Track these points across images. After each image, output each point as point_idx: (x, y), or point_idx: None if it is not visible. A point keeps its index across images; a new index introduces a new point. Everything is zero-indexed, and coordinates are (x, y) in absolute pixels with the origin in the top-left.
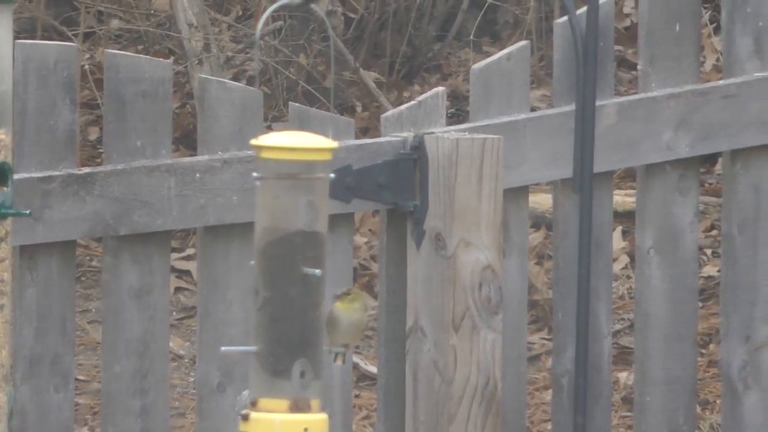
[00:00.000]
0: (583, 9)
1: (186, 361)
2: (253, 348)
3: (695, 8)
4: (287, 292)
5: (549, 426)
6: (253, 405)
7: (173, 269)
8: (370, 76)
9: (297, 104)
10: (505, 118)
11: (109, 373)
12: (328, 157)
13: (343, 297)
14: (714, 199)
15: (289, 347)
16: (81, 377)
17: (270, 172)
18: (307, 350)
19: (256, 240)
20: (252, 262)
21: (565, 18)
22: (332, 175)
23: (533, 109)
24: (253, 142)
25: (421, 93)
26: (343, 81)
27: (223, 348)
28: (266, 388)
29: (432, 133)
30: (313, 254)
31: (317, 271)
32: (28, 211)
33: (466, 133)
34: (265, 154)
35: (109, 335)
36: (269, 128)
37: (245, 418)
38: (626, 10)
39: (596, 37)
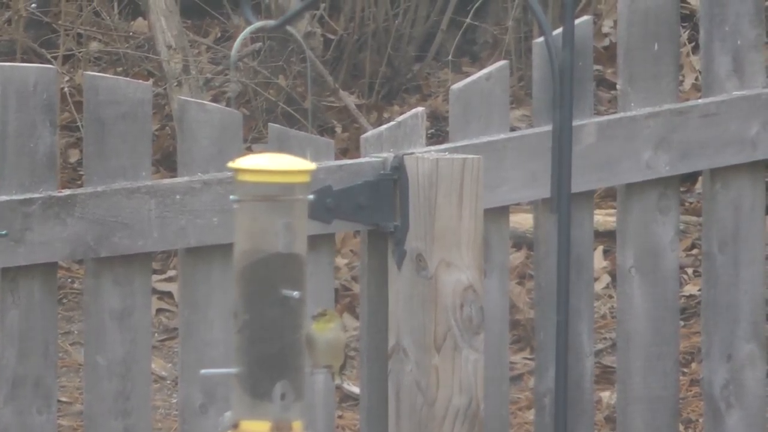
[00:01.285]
0: (560, 29)
1: (168, 382)
2: (233, 370)
3: (674, 27)
4: (266, 314)
5: None
6: (235, 427)
7: (154, 291)
8: (349, 97)
9: (276, 125)
10: (485, 138)
11: (91, 394)
12: (306, 179)
13: (318, 318)
14: (694, 218)
15: (270, 369)
16: (63, 399)
17: (248, 195)
18: (288, 372)
19: (234, 262)
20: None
21: (543, 38)
22: (311, 197)
23: (513, 129)
24: (231, 164)
25: (401, 113)
26: (323, 102)
27: (203, 371)
28: (247, 410)
29: (412, 153)
30: (292, 276)
31: (295, 293)
32: (4, 231)
33: (446, 153)
34: (242, 177)
35: (91, 357)
36: (249, 149)
37: None
38: (605, 29)
39: (572, 56)
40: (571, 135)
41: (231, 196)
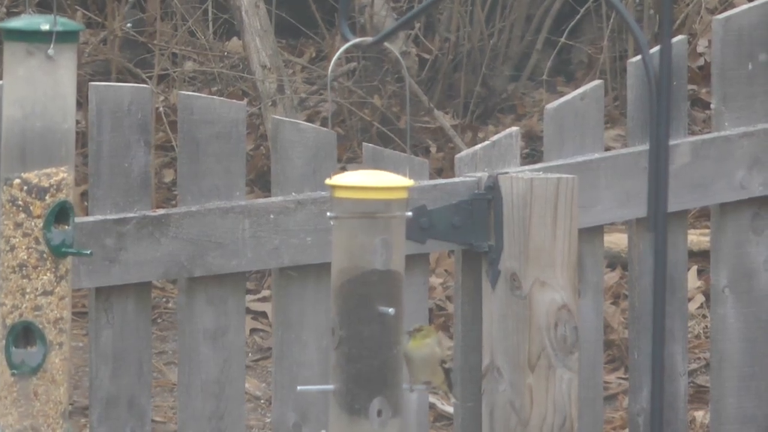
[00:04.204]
0: (657, 48)
1: (262, 402)
2: (330, 387)
3: None
4: (363, 331)
5: None
6: None
7: (248, 310)
8: (444, 117)
9: (371, 145)
10: (580, 158)
11: (185, 414)
12: (403, 195)
13: (414, 334)
14: None
15: (366, 386)
16: (157, 419)
17: (345, 212)
18: (385, 388)
19: (332, 279)
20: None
21: (638, 57)
22: (409, 213)
23: (608, 149)
24: (328, 181)
25: (496, 133)
26: (417, 122)
27: (299, 387)
28: (344, 427)
29: (506, 173)
30: (389, 293)
31: (390, 310)
32: (89, 251)
33: (541, 172)
34: (339, 194)
35: (185, 377)
36: (343, 169)
37: None
38: (700, 49)
39: (669, 75)
40: (668, 154)
41: (328, 213)
